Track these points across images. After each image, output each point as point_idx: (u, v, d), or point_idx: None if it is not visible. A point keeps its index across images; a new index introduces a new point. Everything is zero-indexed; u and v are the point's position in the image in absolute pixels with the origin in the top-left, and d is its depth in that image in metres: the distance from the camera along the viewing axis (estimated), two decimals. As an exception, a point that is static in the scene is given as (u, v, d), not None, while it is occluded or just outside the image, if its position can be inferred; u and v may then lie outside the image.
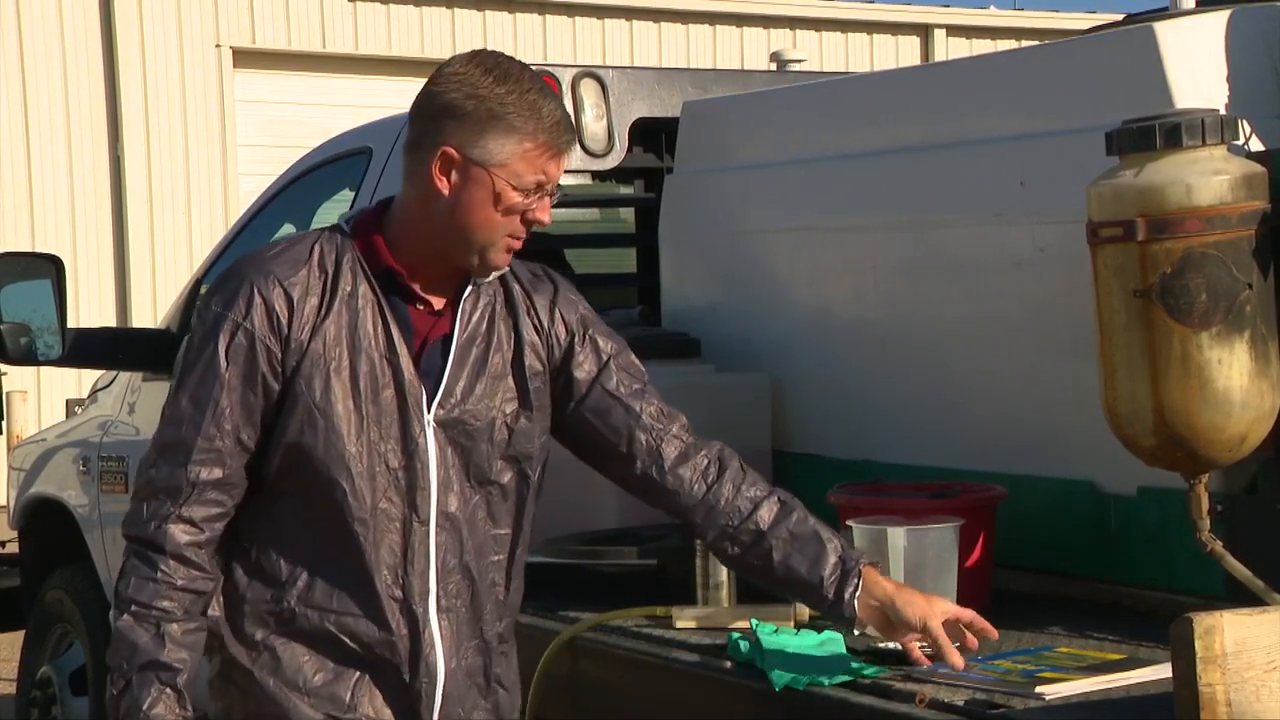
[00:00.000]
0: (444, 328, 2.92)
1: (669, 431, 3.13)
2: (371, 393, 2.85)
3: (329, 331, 2.83)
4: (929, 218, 4.26)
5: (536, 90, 2.84)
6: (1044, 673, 3.24)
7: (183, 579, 2.83)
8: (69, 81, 15.64)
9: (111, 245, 15.80)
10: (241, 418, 2.83)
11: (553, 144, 2.84)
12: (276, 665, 2.89)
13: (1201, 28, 3.75)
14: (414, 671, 2.91)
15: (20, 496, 7.27)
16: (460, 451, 2.92)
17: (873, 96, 4.70)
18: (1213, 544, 3.41)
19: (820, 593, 3.10)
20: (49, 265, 5.82)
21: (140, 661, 2.80)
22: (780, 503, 3.14)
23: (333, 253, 2.88)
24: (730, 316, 4.83)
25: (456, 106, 2.82)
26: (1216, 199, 3.28)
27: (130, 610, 2.82)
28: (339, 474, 2.83)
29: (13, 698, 7.33)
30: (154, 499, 2.84)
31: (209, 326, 2.85)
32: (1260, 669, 2.66)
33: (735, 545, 3.11)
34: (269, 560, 2.89)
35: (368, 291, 2.87)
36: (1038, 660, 3.35)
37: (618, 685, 3.83)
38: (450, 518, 2.92)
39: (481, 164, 2.81)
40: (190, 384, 2.85)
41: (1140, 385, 3.32)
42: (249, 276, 2.86)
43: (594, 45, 17.94)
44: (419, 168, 2.86)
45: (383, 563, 2.87)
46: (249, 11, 16.41)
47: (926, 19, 20.09)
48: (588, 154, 5.09)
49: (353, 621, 2.88)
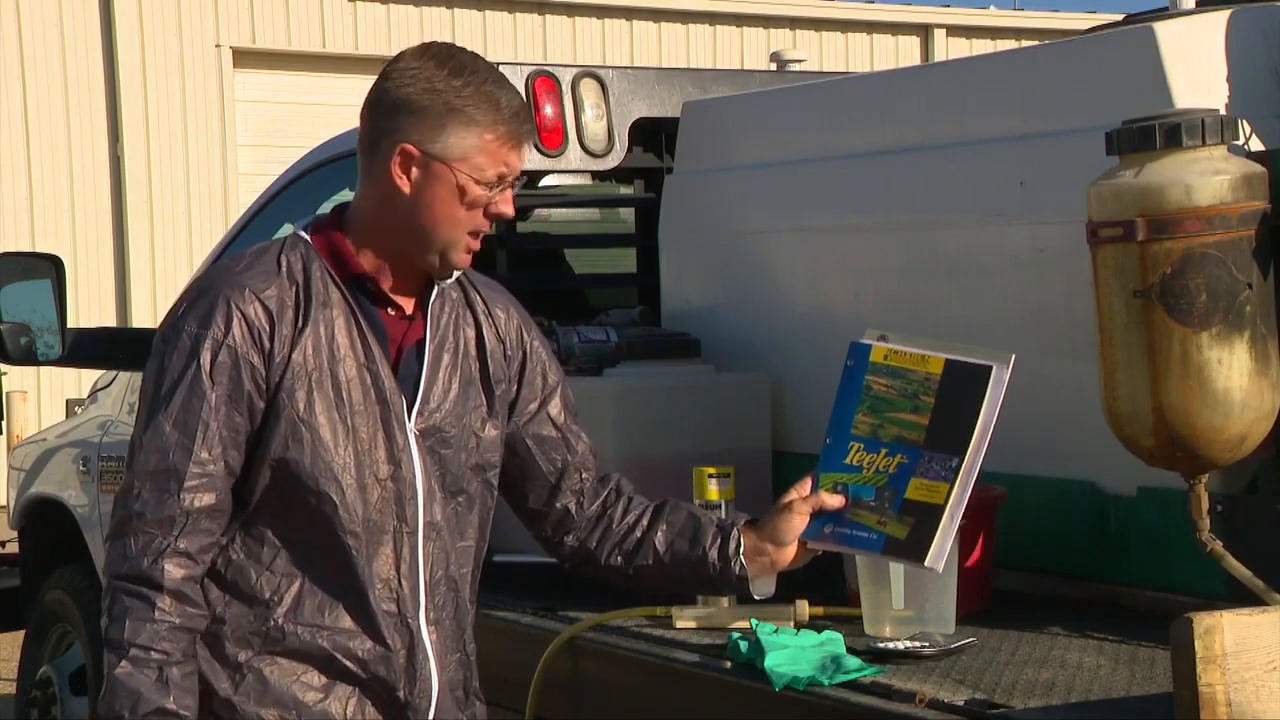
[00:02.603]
0: (417, 332, 2.86)
1: (595, 474, 3.10)
2: (354, 403, 2.77)
3: (308, 343, 2.75)
4: (929, 218, 4.26)
5: (493, 81, 2.77)
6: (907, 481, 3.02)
7: (180, 618, 2.69)
8: (69, 81, 15.65)
9: (111, 245, 15.81)
10: (229, 439, 2.72)
11: (513, 134, 2.77)
12: (264, 689, 2.77)
13: (1201, 28, 3.75)
14: (410, 687, 2.83)
15: (20, 496, 7.27)
16: (438, 460, 2.85)
17: (873, 96, 4.70)
18: (1213, 544, 3.41)
19: (708, 564, 3.02)
20: (49, 265, 5.81)
21: (145, 710, 2.65)
22: (657, 506, 3.09)
23: (299, 261, 2.79)
24: (730, 316, 4.83)
25: (412, 101, 2.74)
26: (1216, 199, 3.28)
27: (128, 655, 2.66)
28: (328, 486, 2.75)
29: (13, 698, 7.33)
30: (143, 533, 2.69)
31: (188, 347, 2.73)
32: (1260, 669, 2.66)
33: (621, 556, 3.06)
34: (247, 580, 2.77)
35: (340, 299, 2.79)
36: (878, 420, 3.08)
37: (618, 685, 3.83)
38: (436, 527, 2.85)
39: (442, 159, 2.74)
40: (173, 407, 2.71)
41: (1140, 385, 3.32)
42: (223, 292, 2.74)
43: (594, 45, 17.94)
44: (378, 167, 2.78)
45: (376, 576, 2.79)
46: (249, 11, 16.42)
47: (926, 19, 20.10)
48: (588, 154, 5.08)
49: (347, 638, 2.78)
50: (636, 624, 3.88)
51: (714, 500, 3.93)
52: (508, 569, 4.61)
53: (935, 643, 3.51)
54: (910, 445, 3.03)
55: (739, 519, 3.07)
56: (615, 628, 3.88)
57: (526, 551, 4.58)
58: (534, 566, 4.54)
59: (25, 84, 15.50)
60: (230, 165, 16.24)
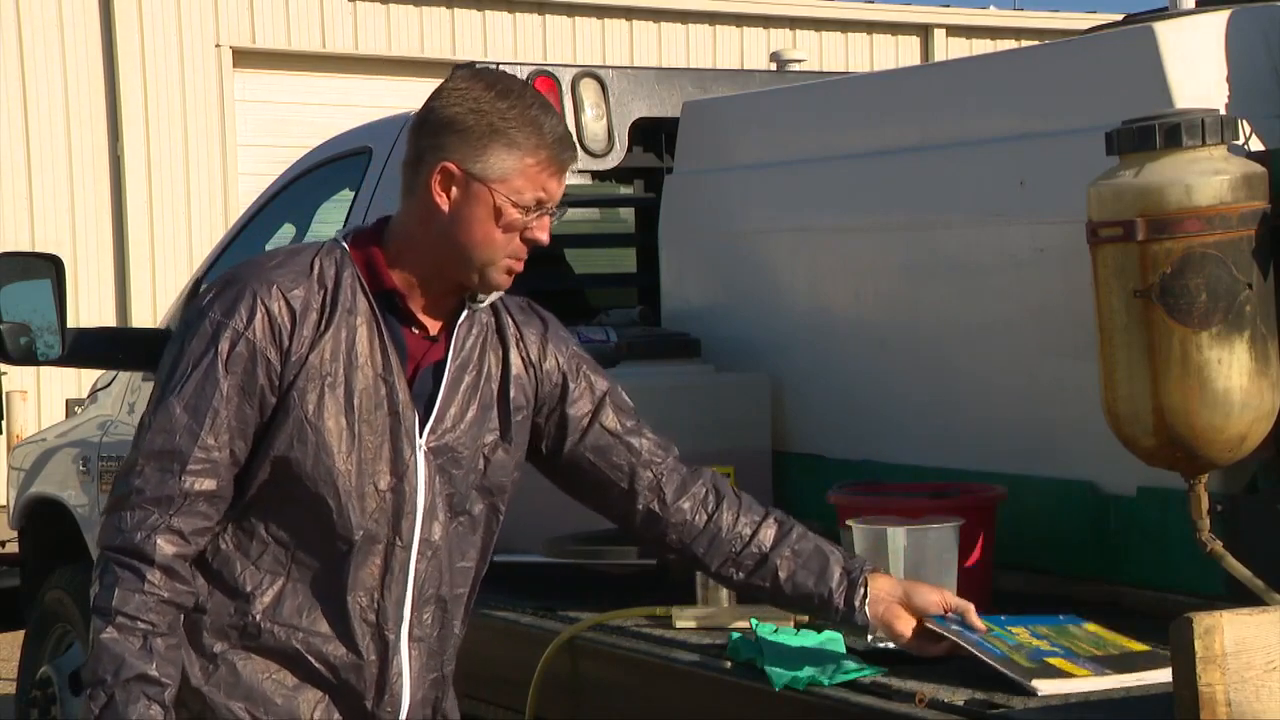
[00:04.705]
0: (437, 354, 2.88)
1: (667, 465, 3.13)
2: (365, 412, 2.79)
3: (327, 346, 2.78)
4: (929, 218, 4.26)
5: (539, 106, 2.81)
6: (1053, 657, 3.23)
7: (169, 592, 2.74)
8: (69, 81, 15.66)
9: (111, 245, 15.82)
10: (237, 429, 2.76)
11: (554, 160, 2.80)
12: (235, 682, 2.81)
13: (1201, 28, 3.75)
14: (379, 699, 2.86)
15: (20, 496, 7.27)
16: (447, 479, 2.88)
17: (872, 96, 4.70)
18: (1213, 544, 3.41)
19: (831, 605, 3.12)
20: (49, 265, 5.81)
21: (127, 675, 2.70)
22: (778, 523, 3.15)
23: (332, 268, 2.83)
24: (730, 316, 4.83)
25: (458, 121, 2.78)
26: (1216, 199, 3.28)
27: (115, 621, 2.72)
28: (325, 490, 2.78)
29: (13, 698, 7.33)
30: (140, 509, 2.75)
31: (208, 334, 2.77)
32: (1260, 669, 2.66)
33: (740, 570, 3.13)
34: (231, 572, 2.81)
35: (366, 310, 2.82)
36: (1057, 636, 3.34)
37: (618, 685, 3.83)
38: (433, 546, 2.87)
39: (482, 179, 2.77)
40: (186, 391, 2.75)
41: (1140, 385, 3.32)
42: (251, 285, 2.79)
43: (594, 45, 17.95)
44: (419, 183, 2.82)
45: (360, 585, 2.82)
46: (249, 11, 16.43)
47: (926, 19, 20.10)
48: (588, 154, 5.09)
49: (321, 642, 2.82)
50: (636, 624, 3.88)
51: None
52: (508, 569, 4.61)
53: (935, 643, 3.51)
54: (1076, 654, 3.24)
55: (865, 566, 3.17)
56: (615, 628, 3.88)
57: (526, 551, 4.59)
58: (534, 566, 4.55)
59: (25, 84, 15.50)
60: (230, 165, 16.24)
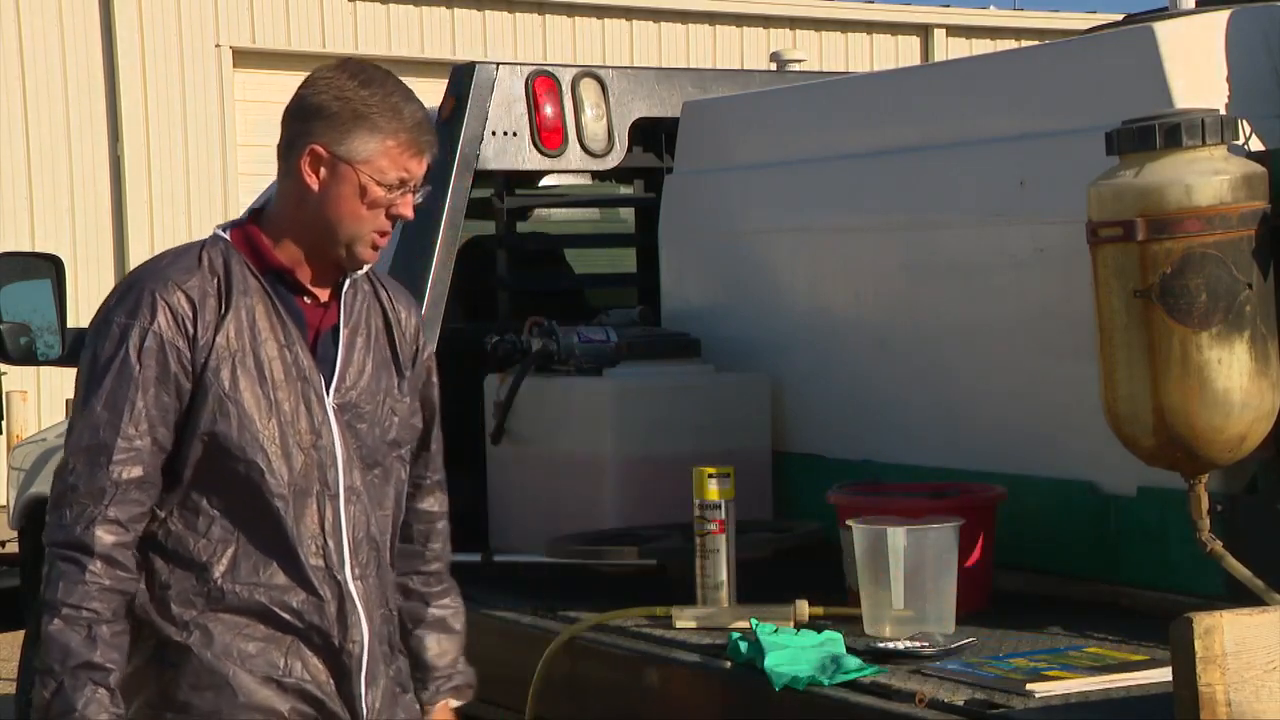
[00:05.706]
0: (332, 318, 3.11)
1: (430, 475, 3.30)
2: (276, 380, 3.02)
3: (230, 327, 2.99)
4: (929, 218, 4.26)
5: (399, 94, 3.05)
6: (1050, 670, 3.24)
7: (110, 580, 2.92)
8: (69, 81, 15.64)
9: (111, 245, 15.80)
10: (157, 417, 2.96)
11: (414, 142, 3.03)
12: (209, 640, 3.00)
13: (1201, 28, 3.75)
14: (344, 634, 3.05)
15: (20, 496, 7.27)
16: (355, 434, 3.09)
17: (873, 96, 4.70)
18: (1213, 544, 3.41)
19: (421, 677, 3.27)
20: (49, 265, 5.82)
21: (73, 663, 2.92)
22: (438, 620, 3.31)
23: (219, 257, 3.04)
24: (730, 316, 4.83)
25: (325, 108, 3.02)
26: (1216, 199, 3.28)
27: (60, 614, 2.91)
28: (255, 454, 2.98)
29: (13, 698, 7.33)
30: (77, 504, 2.93)
31: (117, 336, 2.98)
32: (1260, 669, 2.66)
33: (402, 596, 3.28)
34: (186, 548, 3.00)
35: (258, 288, 3.04)
36: (1053, 659, 3.35)
37: (618, 685, 3.83)
38: (356, 491, 3.08)
39: (347, 160, 3.01)
40: (103, 390, 2.96)
41: (1140, 385, 3.32)
42: (148, 285, 3.00)
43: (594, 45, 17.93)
44: (292, 166, 3.06)
45: (305, 534, 3.02)
46: (249, 11, 16.41)
47: (926, 19, 20.09)
48: (588, 154, 5.09)
49: (281, 592, 3.01)
50: (636, 624, 3.88)
51: (714, 500, 3.93)
52: (508, 569, 4.61)
53: (935, 643, 3.51)
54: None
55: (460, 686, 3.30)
56: (615, 628, 3.88)
57: (526, 551, 4.60)
58: (534, 566, 4.55)
59: (25, 84, 15.49)
60: (230, 165, 16.22)
